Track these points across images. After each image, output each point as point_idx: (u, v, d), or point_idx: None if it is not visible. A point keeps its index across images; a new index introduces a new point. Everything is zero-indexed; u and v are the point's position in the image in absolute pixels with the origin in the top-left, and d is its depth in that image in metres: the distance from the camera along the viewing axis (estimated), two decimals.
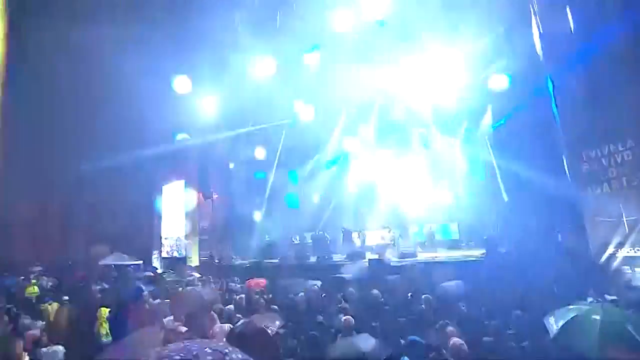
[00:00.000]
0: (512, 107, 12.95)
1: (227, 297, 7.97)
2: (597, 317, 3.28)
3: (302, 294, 7.95)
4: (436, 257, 10.79)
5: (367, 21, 11.63)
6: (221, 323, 5.67)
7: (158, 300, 7.71)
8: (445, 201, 17.51)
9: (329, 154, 19.97)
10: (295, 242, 17.74)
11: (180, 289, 8.95)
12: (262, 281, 9.52)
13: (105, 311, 5.96)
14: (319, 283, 9.11)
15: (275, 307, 6.55)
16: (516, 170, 13.17)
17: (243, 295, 7.61)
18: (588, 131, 8.88)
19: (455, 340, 3.68)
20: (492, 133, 15.01)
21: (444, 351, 3.63)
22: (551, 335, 3.46)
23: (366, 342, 3.44)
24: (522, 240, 8.61)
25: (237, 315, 6.32)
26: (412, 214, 16.86)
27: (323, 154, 20.07)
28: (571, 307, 3.78)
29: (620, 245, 8.29)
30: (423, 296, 6.81)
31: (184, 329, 5.60)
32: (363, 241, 15.08)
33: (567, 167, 8.99)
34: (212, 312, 6.05)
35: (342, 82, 14.88)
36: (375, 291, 6.94)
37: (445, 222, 15.15)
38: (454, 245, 13.73)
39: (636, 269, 8.11)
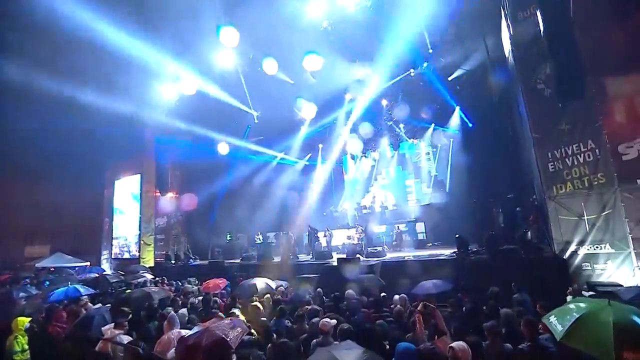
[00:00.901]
0: (480, 109, 13.00)
1: (181, 300, 6.96)
2: (608, 316, 2.86)
3: (267, 295, 7.22)
4: (406, 256, 10.41)
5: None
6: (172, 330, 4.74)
7: (99, 305, 6.57)
8: (412, 201, 17.65)
9: (295, 151, 19.35)
10: (259, 241, 16.98)
11: (129, 291, 7.75)
12: (222, 282, 8.58)
13: (23, 321, 4.77)
14: (284, 283, 8.38)
15: (237, 311, 5.70)
16: (483, 170, 13.36)
17: (200, 298, 6.64)
18: (554, 131, 8.91)
19: (459, 345, 3.11)
20: (459, 134, 14.92)
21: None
22: (558, 337, 3.00)
23: (351, 354, 2.76)
24: (491, 239, 8.39)
25: (194, 319, 5.42)
26: (379, 214, 16.64)
27: (289, 151, 19.43)
28: (571, 305, 3.37)
29: (582, 243, 8.34)
30: (398, 296, 6.33)
31: (126, 338, 4.62)
32: (329, 241, 14.42)
33: (538, 166, 8.93)
34: (170, 316, 5.05)
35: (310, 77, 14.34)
36: (350, 291, 6.31)
37: (412, 222, 14.80)
38: (420, 245, 13.35)
39: (595, 266, 8.21)
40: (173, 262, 15.43)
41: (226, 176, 19.39)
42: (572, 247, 8.44)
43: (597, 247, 8.32)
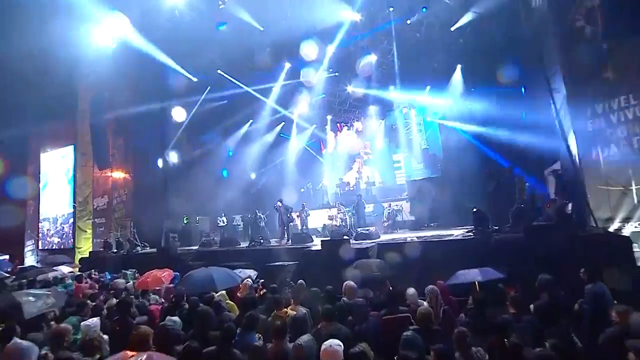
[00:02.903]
0: (486, 66, 11.43)
1: (95, 304, 4.88)
2: None
3: (223, 292, 5.36)
4: (408, 237, 8.88)
5: None
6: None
7: None
8: (401, 178, 16.61)
9: (267, 120, 17.47)
10: (222, 224, 15.46)
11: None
12: (167, 274, 6.63)
13: None
14: (252, 273, 6.74)
15: (175, 319, 3.74)
16: (486, 140, 11.95)
17: (119, 300, 4.59)
18: (596, 80, 7.46)
19: None
20: (459, 99, 13.35)
21: None
22: None
23: None
24: (518, 213, 6.93)
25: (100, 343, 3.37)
26: (364, 192, 15.30)
27: (258, 119, 17.54)
28: None
29: (627, 219, 7.02)
30: (413, 290, 4.64)
31: None
32: (305, 221, 13.04)
33: (572, 126, 7.50)
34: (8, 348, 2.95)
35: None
36: (351, 283, 4.54)
37: (407, 200, 13.66)
38: (416, 225, 12.06)
39: None
40: (115, 250, 13.41)
41: (182, 147, 17.13)
42: (615, 224, 7.12)
43: None
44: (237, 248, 11.25)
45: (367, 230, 9.75)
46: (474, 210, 7.57)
